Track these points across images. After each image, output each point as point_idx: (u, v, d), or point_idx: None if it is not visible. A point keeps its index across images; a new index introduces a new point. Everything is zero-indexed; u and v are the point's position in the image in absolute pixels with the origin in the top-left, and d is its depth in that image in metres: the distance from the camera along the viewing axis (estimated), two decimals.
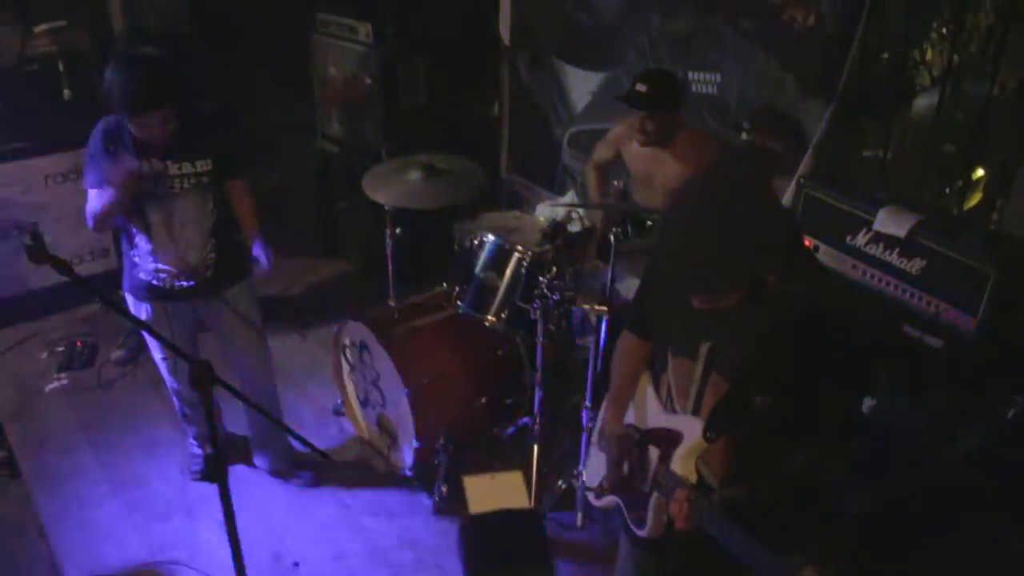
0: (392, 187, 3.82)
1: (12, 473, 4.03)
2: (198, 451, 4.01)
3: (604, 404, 2.54)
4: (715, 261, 1.84)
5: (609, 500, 2.49)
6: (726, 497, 2.10)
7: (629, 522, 2.39)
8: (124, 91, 3.00)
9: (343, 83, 5.24)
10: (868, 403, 3.27)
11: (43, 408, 4.50)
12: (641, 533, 2.32)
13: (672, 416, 2.26)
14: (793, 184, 3.67)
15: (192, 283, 3.41)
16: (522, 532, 2.13)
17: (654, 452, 2.26)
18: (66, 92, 4.87)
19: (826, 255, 3.37)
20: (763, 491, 2.11)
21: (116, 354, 4.82)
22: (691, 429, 2.15)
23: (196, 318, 3.61)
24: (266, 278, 3.66)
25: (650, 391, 2.36)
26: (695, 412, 2.19)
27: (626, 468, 2.35)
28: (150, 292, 3.43)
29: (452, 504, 3.74)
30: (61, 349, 4.88)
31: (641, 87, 3.48)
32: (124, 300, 3.53)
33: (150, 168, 3.18)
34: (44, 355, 4.87)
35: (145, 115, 3.04)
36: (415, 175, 3.82)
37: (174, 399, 3.85)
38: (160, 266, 3.37)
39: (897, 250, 3.15)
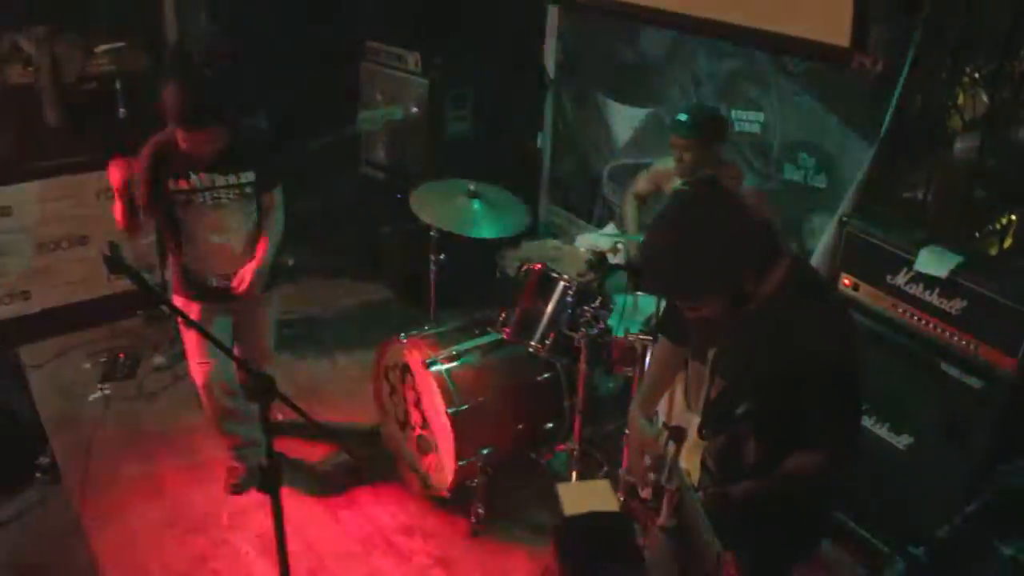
0: (438, 210, 3.92)
1: (53, 479, 4.11)
2: (237, 463, 4.05)
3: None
4: (678, 269, 2.06)
5: (648, 493, 2.60)
6: (717, 492, 2.23)
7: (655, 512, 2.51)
8: (178, 107, 3.20)
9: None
10: (906, 440, 3.31)
11: (86, 417, 4.56)
12: (659, 522, 2.42)
13: (688, 413, 2.44)
14: (835, 223, 3.73)
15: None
16: (614, 533, 2.28)
17: (672, 447, 2.39)
18: (122, 110, 5.00)
19: (866, 294, 3.43)
20: (757, 494, 2.21)
21: (157, 360, 4.91)
22: (694, 426, 2.30)
23: (233, 321, 3.84)
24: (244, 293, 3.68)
25: (680, 390, 2.54)
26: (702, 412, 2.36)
27: (648, 460, 2.45)
28: (203, 292, 3.66)
29: (489, 526, 3.79)
30: (104, 360, 4.95)
31: (682, 116, 3.67)
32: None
33: (199, 181, 3.42)
34: (87, 365, 4.94)
35: (195, 132, 3.27)
36: (461, 200, 3.91)
37: (213, 409, 3.87)
38: (211, 270, 3.63)
39: (937, 290, 3.20)
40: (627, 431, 2.68)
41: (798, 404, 2.12)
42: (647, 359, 3.41)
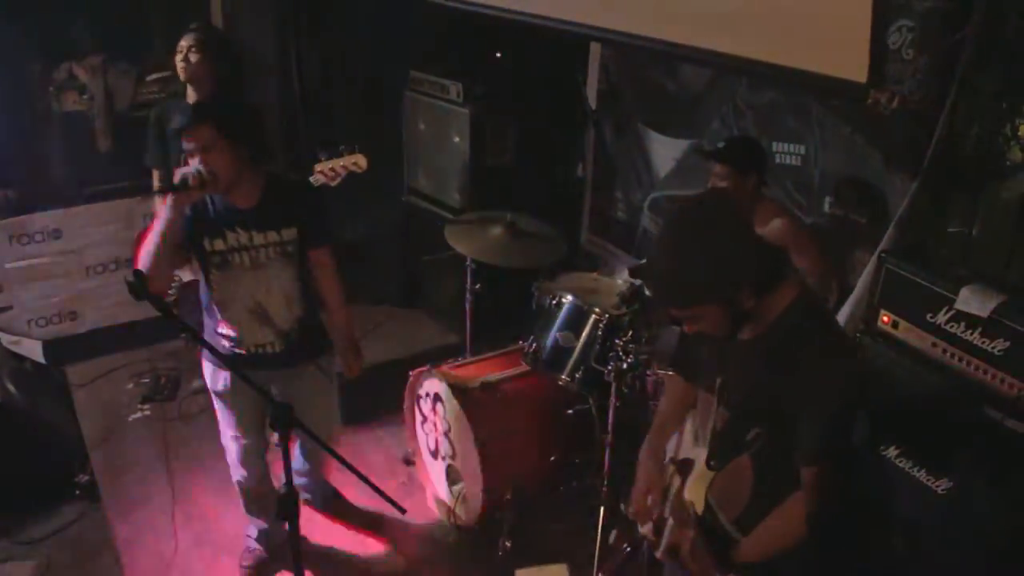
0: (474, 241, 3.93)
1: (93, 498, 4.18)
2: (257, 546, 3.82)
3: None
4: (676, 272, 2.06)
5: (650, 527, 2.59)
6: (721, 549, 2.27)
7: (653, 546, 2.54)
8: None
9: (432, 139, 5.40)
10: (945, 485, 3.21)
11: (126, 437, 4.64)
12: (657, 555, 2.46)
13: (695, 447, 2.45)
14: (874, 258, 3.65)
15: (275, 352, 3.34)
16: None
17: (677, 480, 2.45)
18: None
19: (906, 332, 3.33)
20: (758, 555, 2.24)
21: (197, 383, 4.95)
22: (700, 458, 2.33)
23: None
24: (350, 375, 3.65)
25: (688, 427, 2.55)
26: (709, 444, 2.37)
27: (650, 500, 2.51)
28: (230, 361, 3.29)
29: (517, 560, 3.75)
30: (146, 381, 5.04)
31: (720, 144, 3.62)
32: (201, 368, 3.51)
33: (237, 239, 3.15)
34: (130, 386, 5.04)
35: (187, 134, 2.99)
36: (497, 231, 3.91)
37: (240, 490, 3.69)
38: (243, 335, 3.30)
39: (979, 330, 3.10)
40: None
41: (796, 432, 2.12)
42: None
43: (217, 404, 3.50)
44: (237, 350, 3.32)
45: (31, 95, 5.08)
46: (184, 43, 4.10)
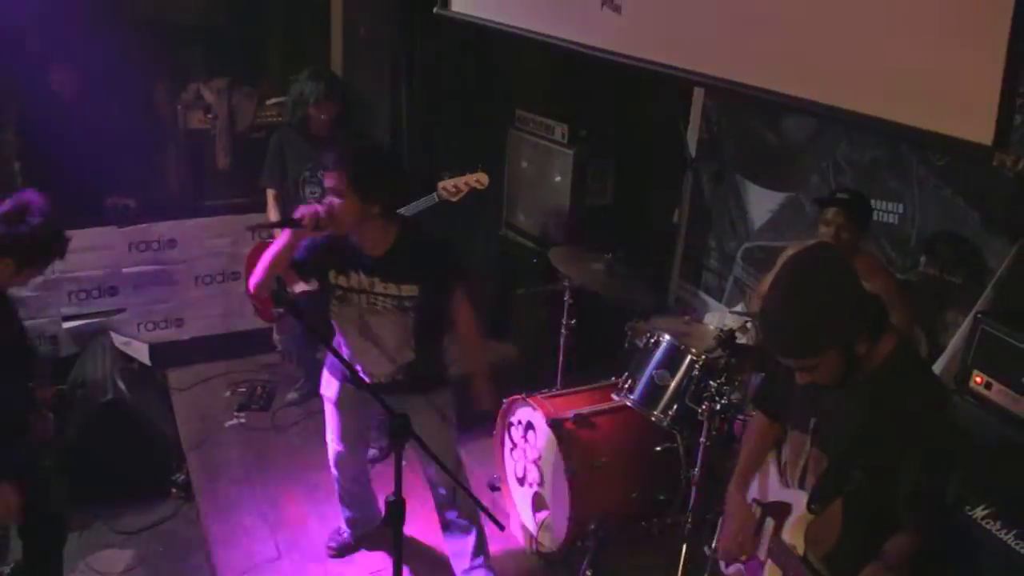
0: (577, 270, 4.10)
1: (187, 497, 4.36)
2: (345, 529, 4.05)
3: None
4: (801, 322, 2.14)
5: (737, 568, 2.66)
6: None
7: None
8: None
9: (534, 177, 5.55)
10: None
11: (221, 442, 4.82)
12: None
13: (786, 489, 2.49)
14: (970, 318, 3.66)
15: (385, 383, 3.41)
16: None
17: (770, 523, 2.48)
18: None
19: (999, 394, 3.32)
20: None
21: (291, 395, 5.16)
22: (798, 501, 2.36)
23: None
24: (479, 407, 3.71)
25: (773, 467, 2.59)
26: (800, 486, 2.42)
27: (741, 538, 2.57)
28: (344, 376, 3.53)
29: None
30: (243, 390, 5.23)
31: (843, 195, 3.66)
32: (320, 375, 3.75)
33: (359, 281, 3.31)
34: (227, 393, 5.23)
35: (326, 173, 3.18)
36: (599, 266, 4.05)
37: (337, 484, 3.90)
38: (357, 362, 3.41)
39: None
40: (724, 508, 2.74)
41: (896, 476, 2.18)
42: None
43: (326, 408, 3.71)
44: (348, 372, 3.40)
45: (160, 112, 5.39)
46: (316, 91, 4.47)
